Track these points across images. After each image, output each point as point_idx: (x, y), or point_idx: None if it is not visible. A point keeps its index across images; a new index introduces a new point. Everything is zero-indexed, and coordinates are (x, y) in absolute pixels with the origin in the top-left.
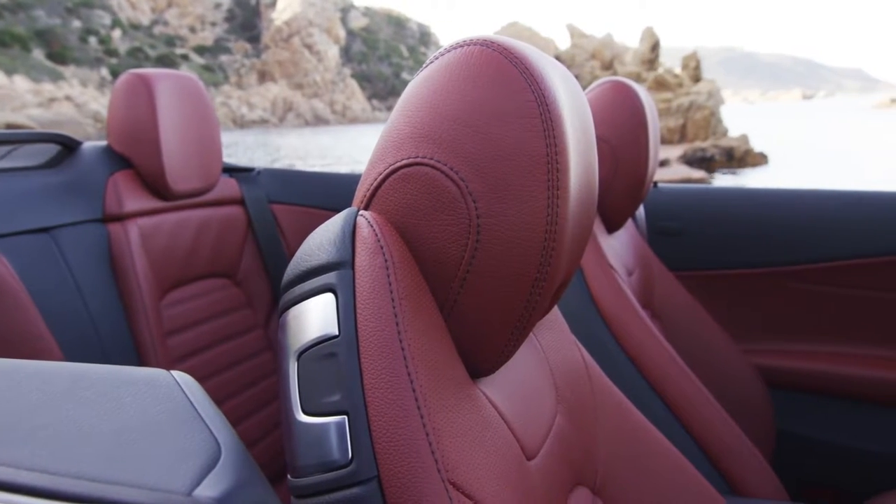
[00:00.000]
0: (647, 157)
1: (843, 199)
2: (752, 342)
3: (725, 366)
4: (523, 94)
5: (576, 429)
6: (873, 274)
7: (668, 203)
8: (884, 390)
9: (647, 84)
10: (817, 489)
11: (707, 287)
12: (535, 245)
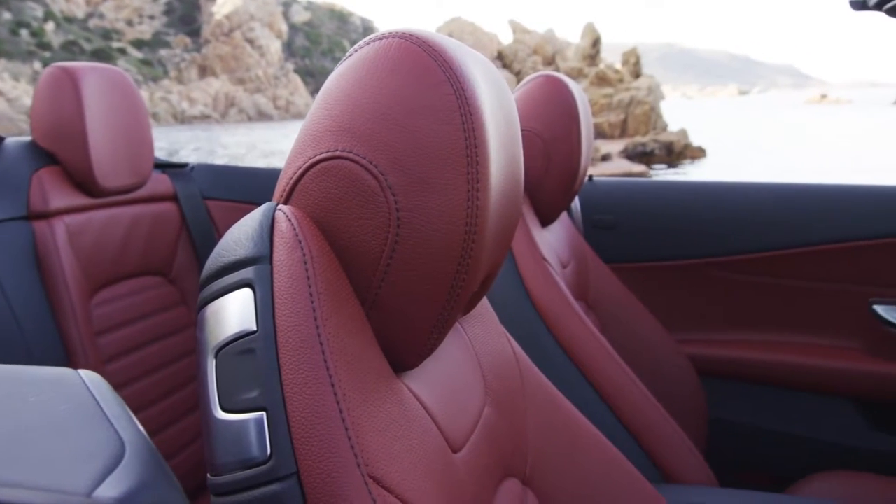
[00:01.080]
0: (579, 151)
1: (772, 192)
2: (685, 332)
3: (659, 356)
4: (442, 87)
5: (505, 420)
6: (801, 264)
7: (603, 196)
8: (811, 377)
9: (589, 80)
10: (749, 474)
11: (641, 279)
12: (455, 238)
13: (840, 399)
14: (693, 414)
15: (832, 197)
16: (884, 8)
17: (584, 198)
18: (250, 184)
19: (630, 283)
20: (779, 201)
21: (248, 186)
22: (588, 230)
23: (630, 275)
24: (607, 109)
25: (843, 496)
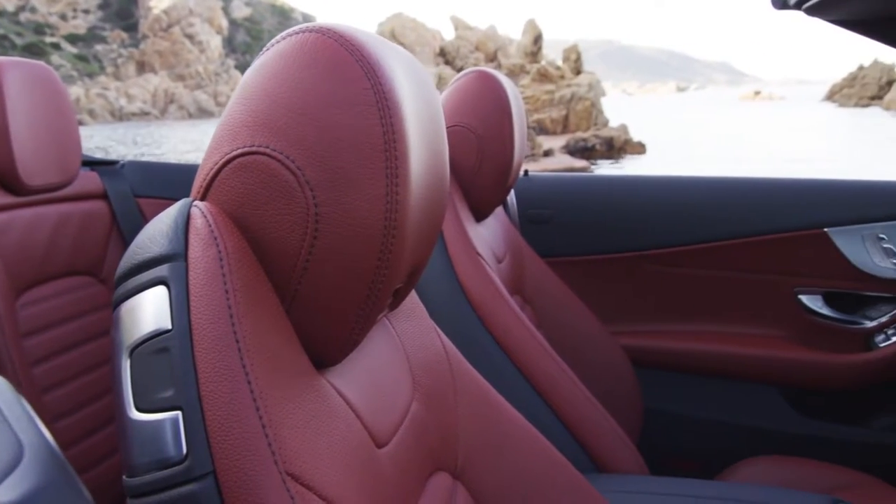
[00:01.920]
0: (512, 146)
1: (702, 185)
2: (620, 325)
3: (595, 348)
4: (359, 81)
5: (434, 415)
6: (730, 256)
7: (539, 191)
8: (740, 365)
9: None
10: (683, 461)
11: (577, 272)
12: (375, 233)
13: (768, 386)
14: (628, 404)
15: (760, 190)
16: (803, 7)
17: (520, 193)
18: (183, 180)
19: (566, 276)
20: (709, 195)
21: (181, 183)
22: (524, 225)
23: (566, 268)
24: (549, 106)
25: (771, 480)
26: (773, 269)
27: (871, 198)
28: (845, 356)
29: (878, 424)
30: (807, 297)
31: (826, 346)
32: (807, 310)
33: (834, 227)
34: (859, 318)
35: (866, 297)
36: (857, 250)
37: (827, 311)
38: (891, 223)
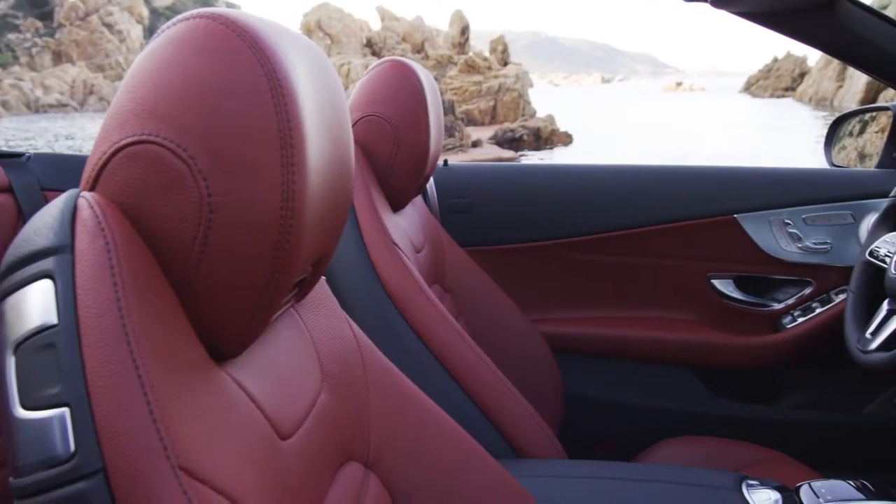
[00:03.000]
0: (427, 135)
1: (618, 174)
2: (539, 312)
3: (515, 335)
4: (252, 68)
5: (344, 405)
6: (646, 242)
7: (459, 181)
8: (656, 349)
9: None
10: (604, 445)
11: (497, 261)
12: (271, 222)
13: (683, 369)
14: (548, 390)
15: (673, 178)
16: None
17: (440, 182)
18: None
19: (486, 265)
20: (625, 183)
21: None
22: (444, 215)
23: (486, 257)
24: (477, 97)
25: (685, 459)
26: (687, 254)
27: (778, 185)
28: (755, 337)
29: (786, 403)
30: (719, 282)
31: (737, 329)
32: (719, 294)
33: (743, 214)
34: (768, 300)
35: (774, 281)
36: (765, 235)
37: (738, 294)
38: (796, 209)
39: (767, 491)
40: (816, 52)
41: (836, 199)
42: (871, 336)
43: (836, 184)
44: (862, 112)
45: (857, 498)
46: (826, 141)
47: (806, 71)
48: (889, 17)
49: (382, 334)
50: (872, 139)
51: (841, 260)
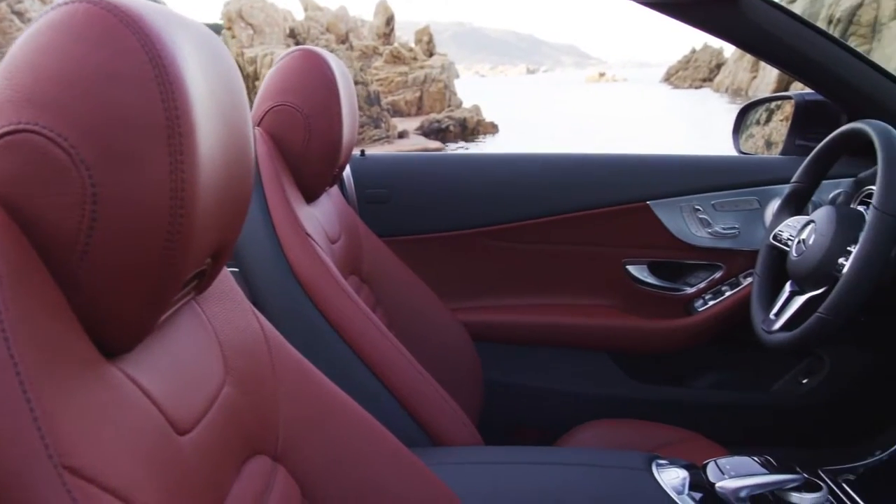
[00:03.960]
0: (340, 125)
1: (535, 162)
2: (459, 301)
3: (434, 324)
4: (135, 54)
5: (249, 398)
6: (562, 229)
7: (376, 171)
8: (574, 335)
9: (384, 58)
10: (525, 431)
11: (416, 251)
12: (161, 215)
13: (600, 353)
14: (468, 378)
15: (588, 166)
16: None
17: (357, 172)
18: None
19: (405, 255)
20: (541, 171)
21: None
22: (362, 205)
23: (405, 247)
24: (403, 87)
25: (602, 442)
26: (602, 241)
27: (688, 172)
28: (669, 321)
29: (700, 384)
30: (633, 268)
31: (652, 313)
32: (634, 279)
33: (655, 200)
34: (681, 285)
35: (686, 266)
36: (677, 221)
37: (652, 279)
38: (705, 195)
39: (676, 469)
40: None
41: (743, 186)
42: (775, 317)
43: (743, 170)
44: (766, 101)
45: (760, 472)
46: (734, 129)
47: (722, 62)
48: (790, 10)
49: (296, 326)
50: (778, 127)
51: (748, 244)
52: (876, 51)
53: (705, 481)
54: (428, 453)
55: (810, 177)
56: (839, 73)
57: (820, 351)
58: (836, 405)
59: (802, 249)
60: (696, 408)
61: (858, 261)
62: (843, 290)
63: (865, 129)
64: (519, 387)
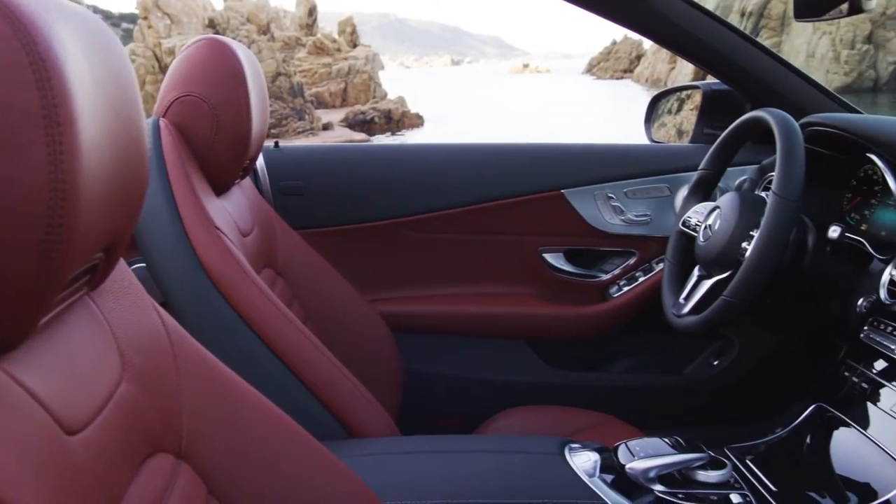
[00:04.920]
0: (249, 116)
1: (451, 152)
2: (377, 292)
3: (352, 316)
4: (7, 41)
5: (150, 395)
6: (479, 219)
7: (291, 163)
8: (492, 323)
9: (307, 49)
10: (447, 420)
11: (332, 242)
12: (38, 207)
13: (518, 341)
14: (388, 369)
15: (505, 156)
16: None
17: (271, 164)
18: None
19: (322, 247)
20: (457, 161)
21: None
22: (277, 197)
23: (322, 239)
24: (327, 79)
25: (520, 429)
26: (519, 230)
27: (601, 160)
28: (586, 308)
29: (616, 368)
30: (550, 256)
31: (569, 300)
32: (550, 267)
33: (569, 189)
34: (596, 271)
35: (601, 253)
36: (591, 209)
37: (568, 267)
38: (618, 183)
39: (587, 453)
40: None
41: (654, 174)
42: (684, 301)
43: (654, 159)
44: (675, 91)
45: (669, 453)
46: (645, 119)
47: (642, 54)
48: (697, 3)
49: (207, 321)
50: (689, 116)
51: (660, 230)
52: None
53: (616, 463)
54: (343, 446)
55: (716, 164)
56: (743, 63)
57: (730, 334)
58: (744, 385)
59: (709, 235)
60: (612, 392)
61: (759, 245)
62: (746, 273)
63: (765, 117)
64: (438, 377)
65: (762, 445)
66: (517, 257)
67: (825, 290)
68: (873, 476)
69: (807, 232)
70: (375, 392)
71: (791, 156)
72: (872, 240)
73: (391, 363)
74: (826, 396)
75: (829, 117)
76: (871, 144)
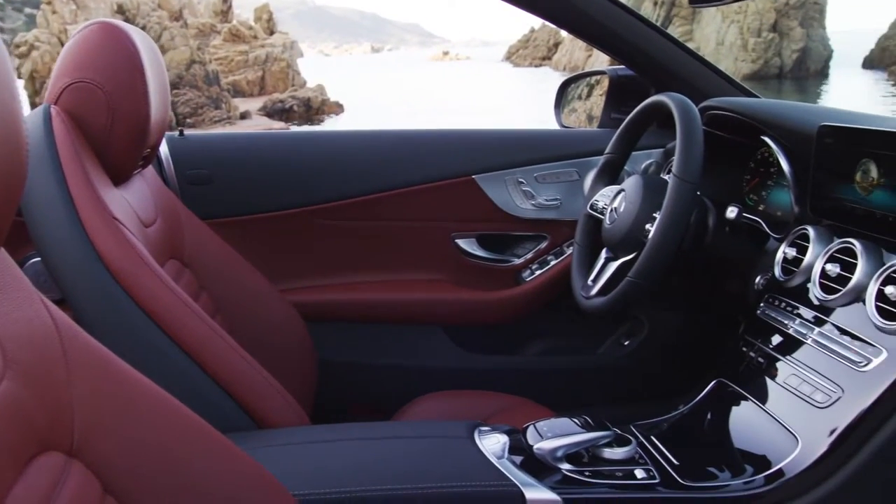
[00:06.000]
0: (147, 104)
1: (363, 139)
2: (289, 281)
3: (264, 307)
4: None
5: (36, 392)
6: (392, 205)
7: (197, 151)
8: (407, 310)
9: (223, 36)
10: (363, 408)
11: (242, 232)
12: None
13: (433, 327)
14: (300, 359)
15: (416, 142)
16: None
17: (176, 153)
18: None
19: (231, 237)
20: (368, 147)
21: None
22: (183, 187)
23: (231, 229)
24: (244, 67)
25: (435, 414)
26: (432, 216)
27: (511, 146)
28: (499, 292)
29: (531, 351)
30: (462, 241)
31: (482, 285)
32: (463, 252)
33: (480, 174)
34: (509, 256)
35: (513, 237)
36: (502, 194)
37: (481, 252)
38: (528, 168)
39: (496, 435)
40: None
41: (563, 158)
42: (592, 283)
43: (563, 143)
44: (584, 76)
45: (576, 432)
46: (555, 104)
47: (560, 41)
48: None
49: (107, 315)
50: (598, 102)
51: (570, 214)
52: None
53: (525, 444)
54: (251, 437)
55: (621, 148)
56: (646, 49)
57: (640, 314)
58: (653, 364)
59: (615, 217)
60: (527, 375)
61: (661, 226)
62: (649, 254)
63: (665, 101)
64: (353, 365)
65: (666, 422)
66: (430, 243)
67: (726, 268)
68: (768, 447)
69: (707, 213)
70: (288, 382)
71: (690, 139)
72: (769, 219)
73: (304, 353)
74: (726, 372)
75: (727, 101)
76: (765, 127)
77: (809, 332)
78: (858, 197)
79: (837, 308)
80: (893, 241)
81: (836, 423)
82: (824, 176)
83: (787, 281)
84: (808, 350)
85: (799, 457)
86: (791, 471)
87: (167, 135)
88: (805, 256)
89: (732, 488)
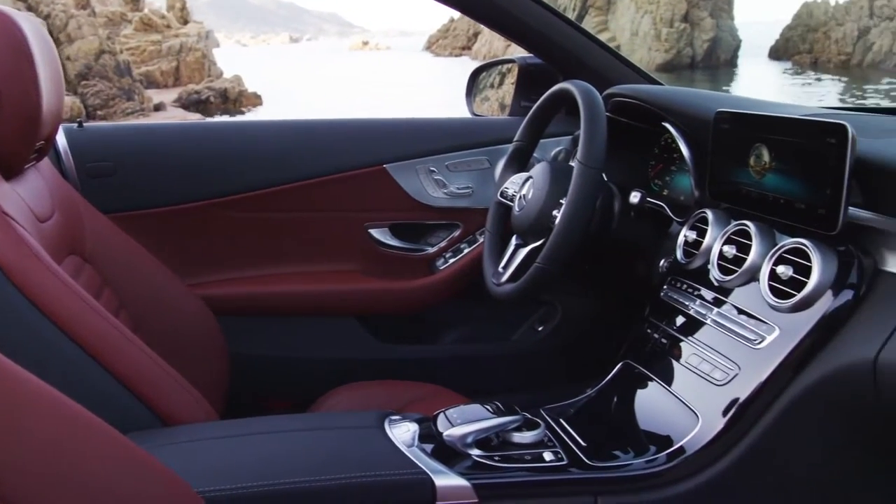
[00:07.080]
0: (38, 94)
1: (273, 129)
2: (198, 276)
3: (170, 302)
4: None
5: None
6: (303, 196)
7: (98, 143)
8: (320, 302)
9: (134, 25)
10: (278, 402)
11: (147, 226)
12: None
13: (347, 318)
14: (211, 354)
15: (327, 132)
16: None
17: (75, 145)
18: None
19: (136, 231)
20: (277, 138)
21: None
22: (84, 180)
23: (135, 223)
24: (157, 57)
25: (351, 405)
26: (343, 206)
27: (422, 135)
28: (413, 282)
29: (446, 339)
30: (376, 231)
31: (396, 274)
32: (377, 242)
33: (392, 164)
34: (422, 245)
35: (426, 226)
36: (414, 183)
37: (394, 241)
38: (440, 157)
39: (407, 424)
40: None
41: (474, 146)
42: (503, 270)
43: (474, 132)
44: (494, 64)
45: (486, 417)
46: (466, 92)
47: (479, 31)
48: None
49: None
50: (510, 90)
51: (482, 202)
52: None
53: (435, 432)
54: (156, 434)
55: (529, 135)
56: (553, 38)
57: (553, 300)
58: (566, 349)
59: (523, 204)
60: (443, 363)
61: (567, 212)
62: (556, 239)
63: (570, 88)
64: (267, 359)
65: (574, 405)
66: (342, 234)
67: (632, 252)
68: (671, 425)
69: (613, 198)
70: (199, 378)
71: (593, 125)
72: (672, 204)
73: (215, 348)
74: (633, 354)
75: (630, 88)
76: (666, 114)
77: (709, 313)
78: (752, 180)
79: (735, 288)
80: (785, 223)
81: (732, 399)
82: (721, 160)
83: (688, 263)
84: (708, 330)
85: (699, 434)
86: (691, 447)
87: (65, 126)
88: (704, 239)
89: (635, 467)
